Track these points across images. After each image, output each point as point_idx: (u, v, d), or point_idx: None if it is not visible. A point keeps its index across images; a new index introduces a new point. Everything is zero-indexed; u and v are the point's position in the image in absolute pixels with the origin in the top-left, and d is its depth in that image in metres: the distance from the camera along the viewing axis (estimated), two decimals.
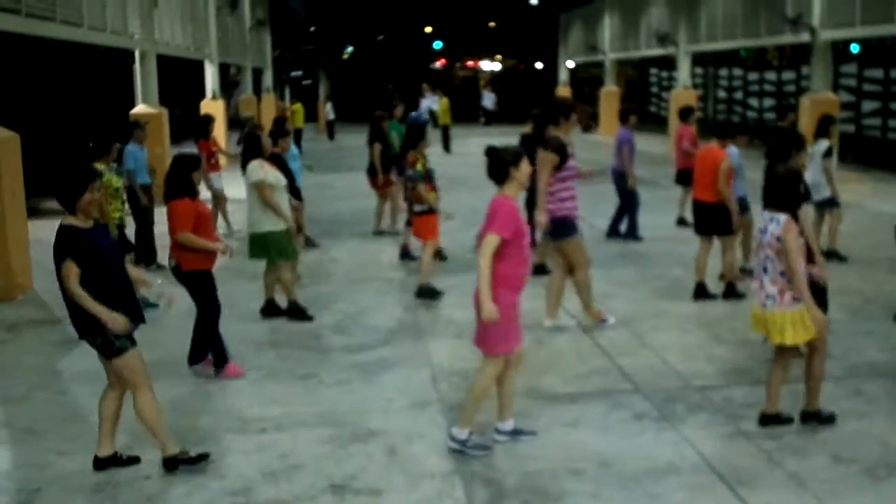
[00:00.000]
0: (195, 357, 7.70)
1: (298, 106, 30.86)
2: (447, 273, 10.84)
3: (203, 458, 5.86)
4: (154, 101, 18.98)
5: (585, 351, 8.14)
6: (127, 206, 10.28)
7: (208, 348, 7.66)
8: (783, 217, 5.91)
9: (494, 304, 5.62)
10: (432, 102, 30.68)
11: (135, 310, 5.73)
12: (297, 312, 9.15)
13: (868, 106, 22.42)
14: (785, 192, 5.98)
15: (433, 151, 12.71)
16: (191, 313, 7.71)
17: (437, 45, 52.59)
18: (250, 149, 9.11)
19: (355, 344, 8.46)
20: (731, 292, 9.50)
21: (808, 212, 6.63)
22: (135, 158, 11.92)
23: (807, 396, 6.31)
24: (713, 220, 9.45)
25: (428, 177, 9.86)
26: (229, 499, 5.46)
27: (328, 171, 17.30)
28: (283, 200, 8.90)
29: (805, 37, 19.94)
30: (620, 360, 7.81)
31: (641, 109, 36.52)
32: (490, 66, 54.22)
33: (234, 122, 33.12)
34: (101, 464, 5.85)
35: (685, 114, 13.95)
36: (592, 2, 35.61)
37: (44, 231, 8.35)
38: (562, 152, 8.43)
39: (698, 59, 30.12)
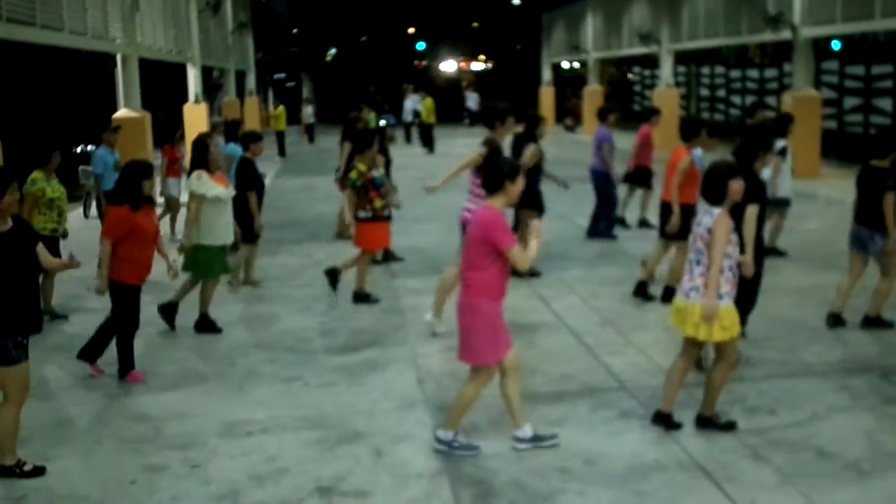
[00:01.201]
0: (86, 354, 7.70)
1: (281, 109, 30.79)
2: (434, 274, 10.84)
3: (38, 471, 5.81)
4: (136, 105, 18.92)
5: (571, 350, 8.15)
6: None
7: (100, 354, 7.69)
8: (717, 210, 5.94)
9: (480, 313, 5.67)
10: (415, 103, 30.66)
11: (33, 320, 5.74)
12: (206, 325, 9.00)
13: (850, 102, 22.54)
14: (717, 186, 6.00)
15: (415, 152, 12.70)
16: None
17: (421, 45, 52.60)
18: (196, 158, 8.97)
19: (340, 346, 8.45)
20: (670, 296, 9.35)
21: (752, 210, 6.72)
22: (103, 162, 11.68)
23: (704, 401, 6.26)
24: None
25: (374, 184, 9.64)
26: (216, 503, 5.44)
27: (310, 174, 17.25)
28: (223, 214, 8.88)
29: (786, 34, 20.02)
30: (606, 358, 7.83)
31: (625, 108, 36.61)
32: (476, 66, 54.29)
33: (215, 125, 33.07)
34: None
35: (647, 114, 14.05)
36: (575, 1, 35.67)
37: None
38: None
39: (681, 58, 30.22)
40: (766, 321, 8.34)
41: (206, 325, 8.92)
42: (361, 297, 9.90)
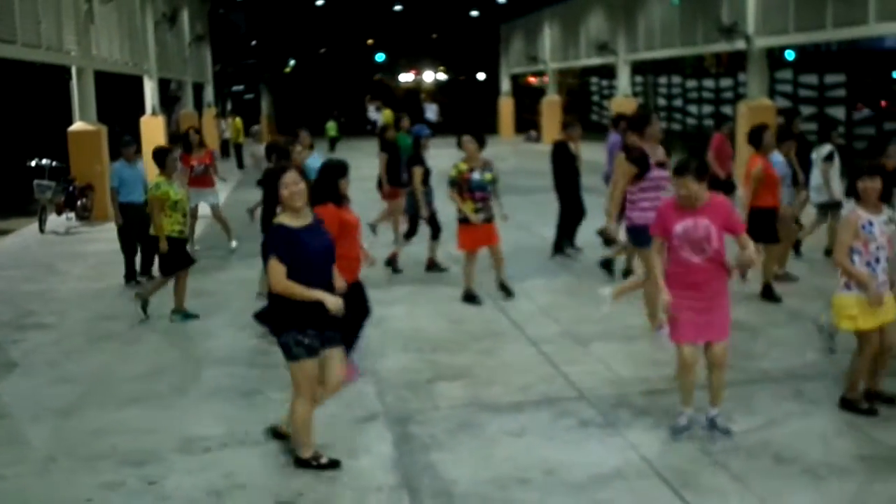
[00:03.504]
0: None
1: (238, 121, 30.61)
2: (398, 284, 10.85)
3: (334, 464, 5.95)
4: (92, 118, 18.72)
5: (531, 360, 8.16)
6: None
7: (354, 349, 7.46)
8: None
9: None
10: (376, 114, 30.68)
11: (323, 313, 5.72)
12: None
13: (804, 111, 22.85)
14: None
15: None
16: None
17: (380, 57, 52.62)
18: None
19: None
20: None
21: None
22: (118, 176, 11.64)
23: (845, 384, 6.74)
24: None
25: (470, 186, 9.80)
26: None
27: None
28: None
29: (740, 44, 20.28)
30: (565, 367, 7.85)
31: (583, 118, 36.82)
32: (432, 76, 54.36)
33: (174, 138, 32.83)
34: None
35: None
36: (532, 13, 35.88)
37: None
38: (643, 163, 8.47)
39: (638, 68, 30.49)
40: None
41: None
42: (469, 297, 10.08)
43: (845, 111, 21.40)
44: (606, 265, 11.05)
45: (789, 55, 25.45)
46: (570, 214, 12.55)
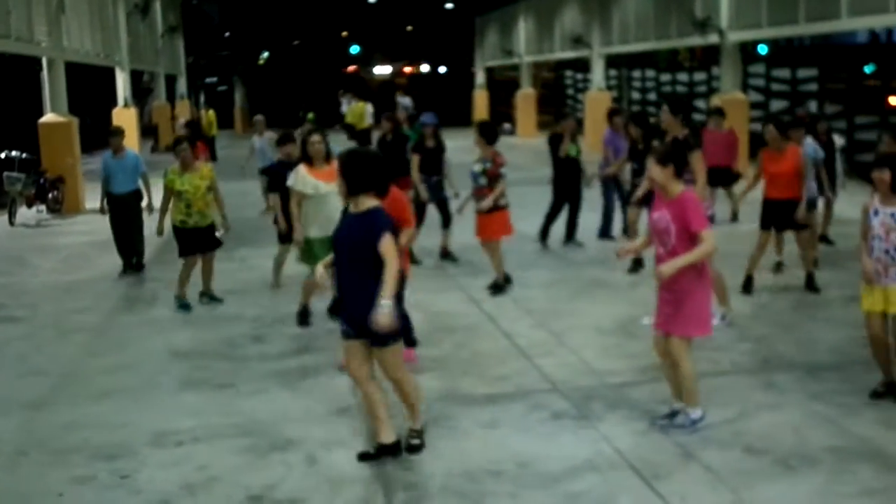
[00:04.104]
0: (407, 342, 7.30)
1: (211, 113, 30.41)
2: None
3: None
4: (63, 110, 18.54)
5: (504, 352, 8.18)
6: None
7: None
8: None
9: None
10: (347, 107, 30.57)
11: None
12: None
13: (776, 105, 22.99)
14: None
15: None
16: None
17: (354, 49, 52.42)
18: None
19: (273, 352, 8.37)
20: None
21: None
22: (105, 167, 11.64)
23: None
24: None
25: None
26: None
27: (243, 178, 17.11)
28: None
29: (714, 38, 20.38)
30: (539, 360, 7.87)
31: (557, 112, 36.85)
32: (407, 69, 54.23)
33: (147, 130, 32.60)
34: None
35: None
36: (507, 5, 35.87)
37: None
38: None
39: (612, 61, 30.55)
40: None
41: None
42: (502, 284, 10.28)
43: (817, 105, 21.52)
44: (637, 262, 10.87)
45: (762, 49, 25.60)
46: (559, 206, 12.65)
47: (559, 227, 12.66)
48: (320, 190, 8.43)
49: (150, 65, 30.23)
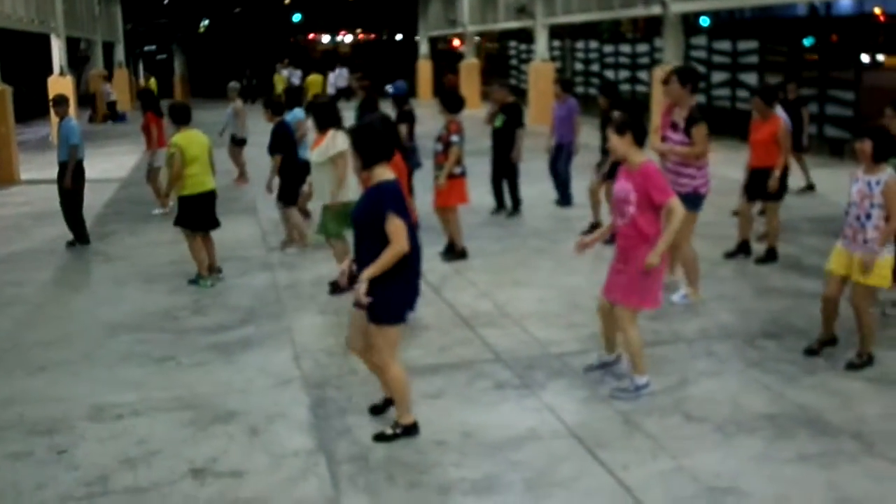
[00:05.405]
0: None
1: (153, 81, 29.92)
2: (317, 248, 10.76)
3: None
4: None
5: (447, 322, 8.17)
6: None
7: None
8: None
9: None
10: (293, 76, 30.24)
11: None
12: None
13: (717, 77, 23.15)
14: None
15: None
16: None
17: (297, 17, 51.81)
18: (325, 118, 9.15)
19: (214, 324, 8.28)
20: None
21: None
22: (77, 132, 11.16)
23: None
24: None
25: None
26: (84, 489, 5.26)
27: (217, 146, 16.89)
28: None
29: (656, 10, 20.45)
30: (482, 330, 7.88)
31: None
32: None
33: (83, 99, 31.94)
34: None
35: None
36: None
37: None
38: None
39: (556, 32, 30.52)
40: None
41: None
42: (458, 252, 10.36)
43: (757, 77, 21.71)
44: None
45: (704, 21, 25.78)
46: (495, 178, 12.77)
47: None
48: (313, 159, 8.96)
49: (86, 32, 29.57)
